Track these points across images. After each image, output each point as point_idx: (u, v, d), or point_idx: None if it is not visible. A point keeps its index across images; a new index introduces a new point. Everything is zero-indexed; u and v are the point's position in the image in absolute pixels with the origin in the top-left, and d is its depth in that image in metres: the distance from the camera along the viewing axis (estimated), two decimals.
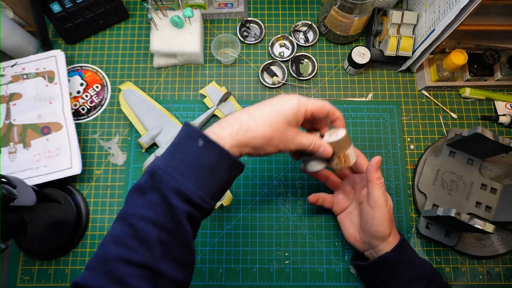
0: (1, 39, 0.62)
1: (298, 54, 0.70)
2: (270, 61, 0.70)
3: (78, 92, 0.69)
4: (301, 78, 0.69)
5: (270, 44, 0.71)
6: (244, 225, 0.63)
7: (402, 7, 0.72)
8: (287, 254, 0.61)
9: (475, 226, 0.49)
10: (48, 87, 0.64)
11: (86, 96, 0.68)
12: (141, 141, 0.62)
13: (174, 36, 0.66)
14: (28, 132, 0.62)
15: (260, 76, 0.69)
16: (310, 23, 0.72)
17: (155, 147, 0.65)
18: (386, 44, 0.65)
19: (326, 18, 0.67)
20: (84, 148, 0.66)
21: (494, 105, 0.69)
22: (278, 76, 0.70)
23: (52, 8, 0.65)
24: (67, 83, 0.65)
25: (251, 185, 0.64)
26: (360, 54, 0.66)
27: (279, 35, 0.71)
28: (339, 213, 0.55)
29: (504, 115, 0.67)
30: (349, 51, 0.67)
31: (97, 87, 0.69)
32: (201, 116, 0.65)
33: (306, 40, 0.72)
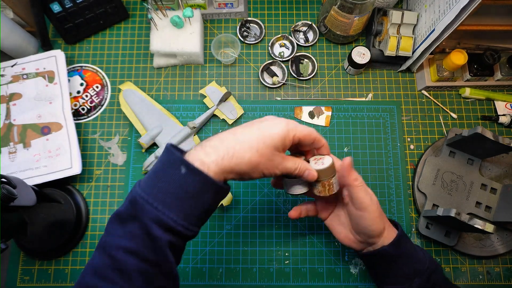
0: (1, 39, 0.62)
1: (298, 54, 0.70)
2: (270, 61, 0.70)
3: (78, 92, 0.69)
4: (301, 78, 0.69)
5: (270, 44, 0.71)
6: (244, 225, 0.63)
7: (402, 7, 0.72)
8: (287, 254, 0.61)
9: (475, 226, 0.49)
10: (48, 87, 0.64)
11: (86, 96, 0.68)
12: (141, 141, 0.62)
13: (174, 36, 0.66)
14: (28, 132, 0.62)
15: (260, 76, 0.69)
16: (310, 23, 0.72)
17: (155, 147, 0.65)
18: (386, 44, 0.65)
19: (326, 18, 0.67)
20: (84, 148, 0.66)
21: (494, 105, 0.69)
22: (278, 76, 0.70)
23: (52, 8, 0.65)
24: (67, 83, 0.65)
25: (251, 185, 0.64)
26: (360, 54, 0.66)
27: (279, 35, 0.71)
28: (326, 218, 0.52)
29: (504, 115, 0.67)
30: (349, 51, 0.67)
31: (97, 87, 0.69)
32: (201, 116, 0.65)
33: (306, 40, 0.72)
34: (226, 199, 0.61)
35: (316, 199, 0.52)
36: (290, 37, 0.71)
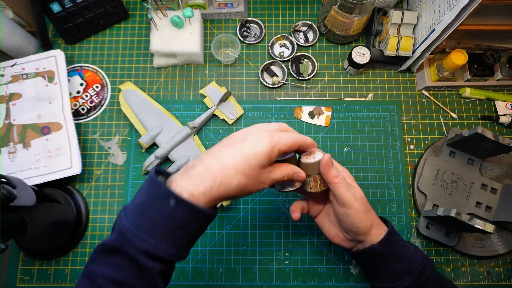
0: (1, 39, 0.62)
1: (298, 54, 0.70)
2: (270, 61, 0.70)
3: (78, 92, 0.69)
4: (301, 78, 0.69)
5: (270, 44, 0.71)
6: (244, 225, 0.63)
7: (402, 7, 0.72)
8: (287, 254, 0.61)
9: (475, 226, 0.49)
10: (48, 87, 0.64)
11: (86, 96, 0.68)
12: (141, 141, 0.62)
13: (174, 36, 0.66)
14: (28, 132, 0.62)
15: (260, 76, 0.69)
16: (310, 23, 0.72)
17: (155, 147, 0.65)
18: (386, 44, 0.65)
19: (326, 18, 0.67)
20: (84, 148, 0.66)
21: (495, 105, 0.69)
22: (278, 76, 0.70)
23: (52, 8, 0.65)
24: (67, 83, 0.65)
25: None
26: (360, 54, 0.66)
27: (279, 35, 0.71)
28: (316, 216, 0.52)
29: (504, 115, 0.67)
30: (349, 51, 0.67)
31: (97, 87, 0.69)
32: (201, 116, 0.65)
33: (306, 40, 0.72)
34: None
35: (307, 196, 0.52)
36: (290, 37, 0.71)
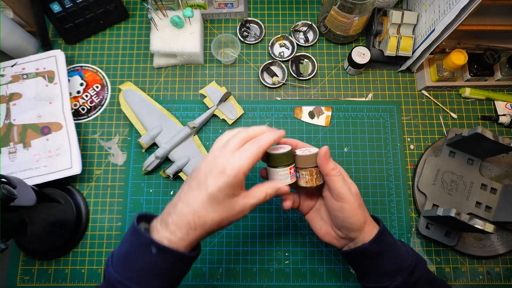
0: (1, 39, 0.62)
1: (298, 54, 0.70)
2: (270, 61, 0.70)
3: (78, 92, 0.69)
4: (301, 78, 0.69)
5: (270, 44, 0.71)
6: (244, 225, 0.63)
7: (402, 7, 0.72)
8: (287, 254, 0.62)
9: (475, 226, 0.49)
10: (48, 87, 0.64)
11: (86, 96, 0.68)
12: (141, 141, 0.62)
13: (174, 36, 0.66)
14: (28, 132, 0.62)
15: (260, 76, 0.69)
16: (310, 23, 0.72)
17: (155, 147, 0.65)
18: (386, 44, 0.65)
19: (326, 18, 0.67)
20: (84, 148, 0.66)
21: (494, 105, 0.69)
22: (278, 76, 0.70)
23: (52, 8, 0.65)
24: (67, 83, 0.65)
25: (251, 185, 0.64)
26: (360, 54, 0.66)
27: (279, 35, 0.71)
28: (306, 213, 0.51)
29: (504, 115, 0.67)
30: (349, 51, 0.67)
31: (97, 87, 0.69)
32: (201, 116, 0.65)
33: (306, 40, 0.72)
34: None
35: (299, 191, 0.51)
36: (290, 37, 0.71)
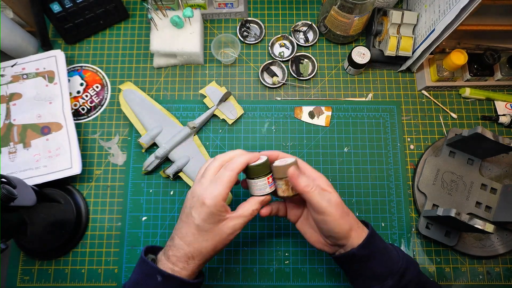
0: (1, 39, 0.62)
1: (298, 54, 0.70)
2: (270, 61, 0.70)
3: (78, 92, 0.69)
4: (301, 78, 0.69)
5: (270, 44, 0.71)
6: (244, 226, 0.63)
7: (402, 7, 0.72)
8: (287, 254, 0.61)
9: (475, 226, 0.49)
10: (48, 87, 0.64)
11: (86, 96, 0.68)
12: (141, 141, 0.62)
13: (174, 36, 0.66)
14: (28, 132, 0.62)
15: (260, 76, 0.69)
16: (310, 23, 0.72)
17: (155, 147, 0.65)
18: (386, 44, 0.65)
19: (326, 18, 0.67)
20: (84, 148, 0.66)
21: (494, 105, 0.69)
22: (278, 76, 0.70)
23: (52, 8, 0.65)
24: (67, 83, 0.65)
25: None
26: (360, 54, 0.66)
27: (279, 35, 0.71)
28: (295, 221, 0.51)
29: (504, 115, 0.67)
30: (349, 51, 0.67)
31: (97, 87, 0.69)
32: (201, 116, 0.65)
33: (306, 40, 0.72)
34: (226, 200, 0.61)
35: (285, 200, 0.52)
36: (290, 37, 0.71)
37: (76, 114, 0.67)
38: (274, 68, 0.71)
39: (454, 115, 0.68)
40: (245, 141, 0.66)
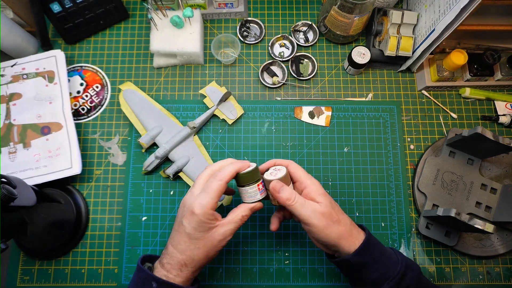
0: (1, 39, 0.62)
1: (298, 54, 0.70)
2: (270, 61, 0.70)
3: (78, 92, 0.69)
4: (301, 78, 0.69)
5: (270, 44, 0.71)
6: (244, 225, 0.62)
7: (402, 7, 0.72)
8: (287, 254, 0.61)
9: (475, 226, 0.49)
10: (48, 87, 0.64)
11: (86, 96, 0.68)
12: (141, 141, 0.62)
13: (174, 36, 0.66)
14: (28, 132, 0.62)
15: (260, 76, 0.69)
16: (310, 23, 0.72)
17: (155, 147, 0.65)
18: (386, 44, 0.65)
19: (326, 18, 0.67)
20: (84, 148, 0.66)
21: (494, 105, 0.69)
22: (278, 76, 0.70)
23: (52, 8, 0.65)
24: (67, 83, 0.65)
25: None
26: (360, 54, 0.66)
27: (279, 35, 0.71)
28: (300, 221, 0.52)
29: (504, 115, 0.67)
30: (349, 51, 0.67)
31: (97, 87, 0.69)
32: (201, 116, 0.65)
33: (306, 40, 0.72)
34: (226, 199, 0.61)
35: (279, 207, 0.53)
36: (290, 37, 0.71)
37: (76, 114, 0.67)
38: (274, 68, 0.71)
39: (454, 115, 0.68)
40: (245, 141, 0.66)
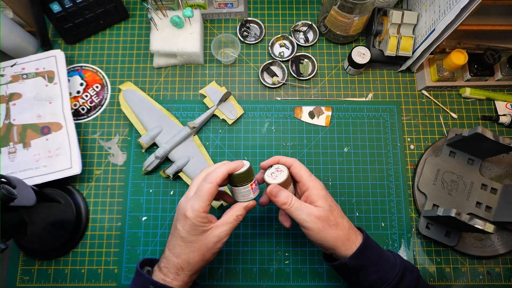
0: (1, 39, 0.62)
1: (298, 54, 0.70)
2: (270, 61, 0.70)
3: (78, 92, 0.69)
4: (301, 78, 0.69)
5: (270, 44, 0.71)
6: (244, 225, 0.63)
7: (402, 7, 0.72)
8: (287, 254, 0.61)
9: (475, 226, 0.49)
10: (48, 87, 0.64)
11: (86, 96, 0.68)
12: (141, 141, 0.62)
13: (174, 36, 0.66)
14: (28, 132, 0.62)
15: (260, 76, 0.69)
16: (310, 23, 0.72)
17: (155, 147, 0.65)
18: (386, 44, 0.65)
19: (326, 18, 0.67)
20: (84, 148, 0.66)
21: (495, 105, 0.69)
22: (278, 76, 0.70)
23: (52, 8, 0.65)
24: (67, 83, 0.65)
25: None
26: (360, 54, 0.66)
27: (279, 35, 0.71)
28: None
29: (505, 115, 0.67)
30: (349, 51, 0.67)
31: (97, 87, 0.69)
32: (201, 116, 0.65)
33: (306, 40, 0.72)
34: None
35: None
36: (290, 37, 0.71)
37: (76, 114, 0.67)
38: (274, 68, 0.71)
39: (454, 115, 0.68)
40: (245, 141, 0.66)
